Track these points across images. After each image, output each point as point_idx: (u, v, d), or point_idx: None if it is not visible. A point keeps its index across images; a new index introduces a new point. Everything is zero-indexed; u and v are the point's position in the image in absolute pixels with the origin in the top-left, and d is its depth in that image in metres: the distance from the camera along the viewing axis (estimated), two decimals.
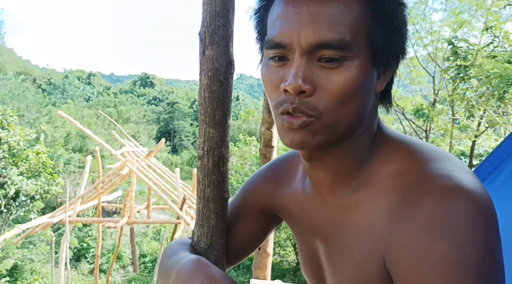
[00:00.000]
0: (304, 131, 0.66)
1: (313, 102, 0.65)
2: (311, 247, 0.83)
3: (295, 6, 0.66)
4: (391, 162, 0.70)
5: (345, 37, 0.63)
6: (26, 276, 13.36)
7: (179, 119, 39.72)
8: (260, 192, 0.93)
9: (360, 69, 0.65)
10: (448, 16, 8.40)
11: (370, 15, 0.66)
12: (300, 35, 0.64)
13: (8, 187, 11.48)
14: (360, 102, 0.67)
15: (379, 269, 0.66)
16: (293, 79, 0.64)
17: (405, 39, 0.70)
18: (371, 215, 0.68)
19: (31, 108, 24.08)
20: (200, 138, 0.85)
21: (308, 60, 0.65)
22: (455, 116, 8.58)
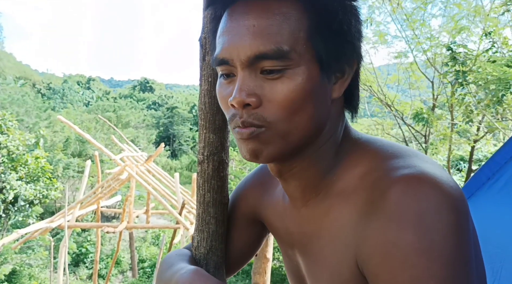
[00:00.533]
0: (255, 141, 0.66)
1: (261, 113, 0.64)
2: (292, 259, 0.82)
3: (233, 21, 0.66)
4: (358, 165, 0.69)
5: (281, 46, 0.62)
6: (24, 281, 13.30)
7: (179, 124, 39.72)
8: (247, 199, 0.92)
9: (305, 76, 0.64)
10: (447, 22, 8.44)
11: (308, 22, 0.65)
12: (238, 49, 0.64)
13: (7, 191, 11.47)
14: (311, 110, 0.65)
15: (353, 273, 0.65)
16: (238, 93, 0.64)
17: (353, 41, 0.68)
18: (341, 219, 0.67)
19: (30, 113, 24.08)
20: (200, 143, 0.85)
21: (251, 73, 0.65)
22: (454, 121, 8.59)
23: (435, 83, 9.14)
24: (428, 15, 8.45)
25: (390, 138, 9.70)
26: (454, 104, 8.18)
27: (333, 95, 0.69)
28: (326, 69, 0.66)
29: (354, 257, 0.64)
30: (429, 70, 9.14)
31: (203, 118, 0.84)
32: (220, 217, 0.86)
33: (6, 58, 51.43)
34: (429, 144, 9.30)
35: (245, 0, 0.66)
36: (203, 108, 0.84)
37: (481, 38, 7.66)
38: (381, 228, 0.58)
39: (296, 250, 0.79)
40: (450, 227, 0.55)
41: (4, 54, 52.92)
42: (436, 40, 8.31)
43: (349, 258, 0.65)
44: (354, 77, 0.72)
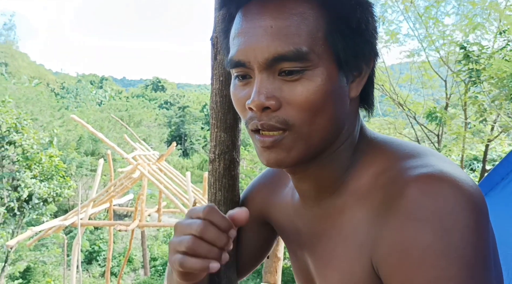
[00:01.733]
0: (278, 149, 0.65)
1: (281, 116, 0.63)
2: (301, 259, 0.81)
3: (248, 22, 0.65)
4: (373, 165, 0.68)
5: (300, 47, 0.61)
6: (38, 278, 13.48)
7: (190, 123, 39.87)
8: (255, 201, 0.91)
9: (324, 77, 0.63)
10: (460, 20, 8.33)
11: (326, 21, 0.64)
12: (255, 51, 0.63)
13: (21, 189, 11.63)
14: (332, 111, 0.64)
15: (366, 274, 0.64)
16: (256, 96, 0.63)
17: (371, 39, 0.68)
18: (355, 219, 0.66)
19: (44, 112, 24.39)
20: (212, 142, 0.85)
21: (269, 75, 0.64)
22: (467, 120, 8.49)
23: (448, 82, 9.04)
24: (441, 13, 8.35)
25: (402, 138, 9.62)
26: (467, 103, 8.08)
27: (351, 94, 0.68)
28: (345, 68, 0.65)
29: (369, 257, 0.63)
30: (442, 69, 9.04)
31: (214, 117, 0.85)
32: None
33: (21, 58, 52.13)
34: (442, 144, 9.20)
35: (260, 0, 0.65)
36: (215, 108, 0.84)
37: (495, 36, 7.56)
38: (398, 227, 0.57)
39: (305, 250, 0.78)
40: (469, 227, 0.54)
41: (19, 54, 53.66)
42: (450, 37, 8.21)
43: (363, 258, 0.64)
44: (370, 75, 0.71)
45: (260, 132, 0.65)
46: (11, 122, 11.89)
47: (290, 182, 0.84)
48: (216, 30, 0.84)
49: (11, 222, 11.74)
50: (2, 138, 11.67)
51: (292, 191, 0.82)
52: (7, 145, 11.86)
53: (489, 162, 9.25)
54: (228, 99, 0.83)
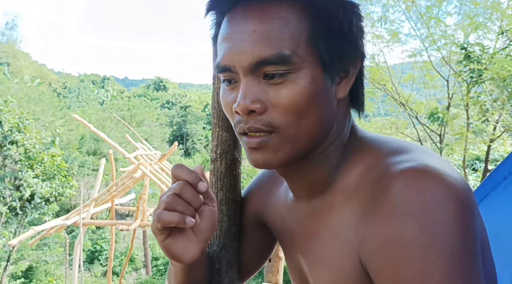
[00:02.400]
0: (265, 150, 0.66)
1: (267, 118, 0.64)
2: (295, 259, 0.81)
3: (233, 27, 0.66)
4: (361, 163, 0.69)
5: (283, 51, 0.62)
6: (40, 277, 13.51)
7: (192, 122, 39.91)
8: (251, 203, 0.92)
9: (308, 79, 0.63)
10: (462, 19, 8.32)
11: (308, 24, 0.64)
12: (240, 55, 0.64)
13: (23, 189, 11.66)
14: (317, 112, 0.65)
15: (355, 270, 0.64)
16: (242, 100, 0.64)
17: (355, 40, 0.68)
18: (343, 216, 0.67)
19: (46, 111, 24.43)
20: (213, 141, 0.86)
21: (254, 79, 0.65)
22: (469, 120, 8.47)
23: (450, 82, 9.03)
24: (442, 13, 8.34)
25: (404, 138, 9.61)
26: (469, 103, 8.07)
27: (338, 95, 0.69)
28: (329, 70, 0.66)
29: (358, 254, 0.63)
30: (444, 68, 9.03)
31: (216, 116, 0.85)
32: (233, 215, 0.86)
33: (23, 58, 52.24)
34: (444, 144, 9.19)
35: (244, 5, 0.66)
36: (216, 107, 0.84)
37: (497, 36, 7.55)
38: (384, 222, 0.57)
39: (298, 250, 0.79)
40: (454, 220, 0.54)
41: (21, 54, 53.77)
42: (451, 37, 8.20)
43: (351, 255, 0.64)
44: (358, 76, 0.71)
45: (247, 134, 0.67)
46: (13, 122, 11.92)
47: (284, 182, 0.84)
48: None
49: (13, 221, 11.77)
50: (5, 138, 11.70)
51: (286, 191, 0.83)
52: (10, 144, 11.89)
53: (491, 161, 9.23)
54: None
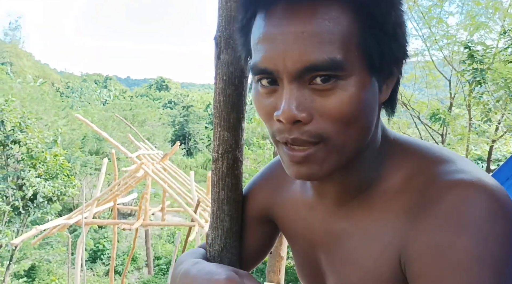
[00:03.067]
0: (310, 163, 0.62)
1: (314, 129, 0.60)
2: (311, 255, 0.81)
3: (276, 26, 0.60)
4: (402, 167, 0.67)
5: (335, 56, 0.57)
6: (43, 276, 13.55)
7: (194, 122, 39.95)
8: (256, 199, 0.90)
9: (358, 86, 0.59)
10: (464, 19, 8.30)
11: (360, 26, 0.59)
12: (285, 59, 0.58)
13: (26, 188, 11.69)
14: (365, 119, 0.62)
15: (392, 271, 0.64)
16: (286, 108, 0.58)
17: (404, 42, 0.64)
18: (382, 219, 0.66)
19: (49, 111, 24.48)
20: (215, 141, 0.86)
21: (300, 85, 0.59)
22: (472, 120, 8.46)
23: (453, 82, 9.01)
24: (444, 13, 8.32)
25: None
26: (471, 103, 8.05)
27: (381, 99, 0.65)
28: (377, 74, 0.62)
29: (398, 257, 0.63)
30: (446, 68, 9.01)
31: (217, 116, 0.85)
32: (235, 214, 0.86)
33: (26, 58, 52.35)
34: (446, 144, 9.17)
35: (290, 3, 0.59)
36: (218, 107, 0.85)
37: (499, 35, 7.53)
38: (435, 230, 0.57)
39: (317, 247, 0.78)
40: (505, 236, 0.55)
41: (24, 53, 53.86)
42: (453, 37, 8.19)
43: (390, 257, 0.64)
44: (398, 79, 0.68)
45: (289, 145, 0.62)
46: (15, 121, 11.95)
47: (296, 180, 0.83)
48: (219, 29, 0.85)
49: (16, 220, 11.80)
50: (7, 137, 11.73)
51: (302, 187, 0.81)
52: (12, 144, 11.92)
53: (493, 162, 9.21)
54: (232, 98, 0.83)
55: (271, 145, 17.68)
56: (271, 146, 17.16)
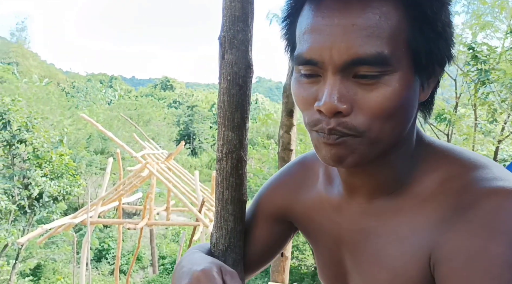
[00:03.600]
0: (342, 147, 0.62)
1: (352, 122, 0.60)
2: (335, 254, 0.80)
3: (325, 17, 0.60)
4: (436, 170, 0.67)
5: (382, 51, 0.57)
6: (48, 275, 13.63)
7: (199, 122, 40.00)
8: (273, 199, 0.90)
9: (402, 82, 0.59)
10: (470, 18, 8.26)
11: (409, 22, 0.60)
12: (332, 51, 0.58)
13: (32, 188, 11.75)
14: (402, 117, 0.62)
15: (421, 273, 0.64)
16: (328, 99, 0.59)
17: (450, 43, 0.64)
18: (415, 221, 0.66)
19: (55, 111, 24.60)
20: (219, 141, 0.86)
21: (343, 78, 0.59)
22: (477, 120, 8.42)
23: (458, 81, 8.97)
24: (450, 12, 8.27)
25: None
26: (477, 103, 8.02)
27: (421, 98, 0.65)
28: (421, 73, 0.62)
29: (427, 259, 0.63)
30: (452, 68, 8.97)
31: (222, 116, 0.85)
32: (239, 214, 0.86)
33: (32, 58, 52.64)
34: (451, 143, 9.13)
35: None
36: (222, 107, 0.85)
37: (506, 34, 7.49)
38: (469, 233, 0.57)
39: (343, 245, 0.77)
40: None
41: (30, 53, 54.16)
42: (459, 37, 8.15)
43: (420, 260, 0.64)
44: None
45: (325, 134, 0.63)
46: (22, 121, 12.02)
47: (319, 181, 0.84)
48: (224, 29, 0.85)
49: (22, 219, 11.87)
50: (13, 137, 11.81)
51: (327, 187, 0.81)
52: (18, 143, 11.99)
53: (499, 162, 9.16)
54: (236, 98, 0.83)
55: (275, 145, 17.67)
56: (276, 146, 17.14)
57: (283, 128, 4.27)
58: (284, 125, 4.25)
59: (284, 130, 4.26)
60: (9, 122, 11.73)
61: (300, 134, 12.42)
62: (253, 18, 0.85)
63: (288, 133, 4.25)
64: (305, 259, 14.78)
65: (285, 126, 4.25)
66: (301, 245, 14.74)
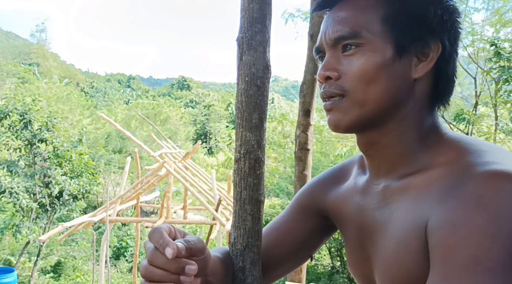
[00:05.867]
0: (336, 111, 0.77)
1: (340, 83, 0.77)
2: (360, 240, 0.85)
3: (327, 17, 0.82)
4: (444, 155, 0.74)
5: (355, 28, 0.75)
6: (68, 272, 13.85)
7: (215, 121, 40.14)
8: (311, 194, 0.98)
9: (377, 53, 0.74)
10: (490, 15, 8.10)
11: (385, 10, 0.76)
12: (326, 35, 0.80)
13: (52, 186, 11.95)
14: (385, 83, 0.75)
15: (419, 243, 0.68)
16: (321, 69, 0.78)
17: (433, 27, 0.75)
18: (419, 197, 0.72)
19: (74, 110, 24.99)
20: (237, 141, 0.87)
21: (335, 53, 0.78)
22: (498, 120, 8.25)
23: (478, 80, 8.80)
24: (469, 9, 8.14)
25: None
26: (498, 102, 7.85)
27: (414, 75, 0.76)
28: (402, 49, 0.75)
29: (424, 229, 0.68)
30: (471, 66, 8.81)
31: (239, 117, 0.86)
32: (257, 214, 0.87)
33: (52, 58, 53.54)
34: None
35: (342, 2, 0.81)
36: (240, 107, 0.86)
37: None
38: (455, 207, 0.63)
39: (366, 230, 0.83)
40: None
41: (50, 54, 55.10)
42: (479, 35, 7.99)
43: (419, 229, 0.69)
44: (445, 72, 0.78)
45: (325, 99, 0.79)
46: (42, 120, 12.24)
47: (352, 176, 0.92)
48: (242, 31, 0.85)
49: (43, 217, 12.09)
50: (34, 136, 12.03)
51: (356, 179, 0.90)
52: (39, 143, 12.21)
53: None
54: (254, 99, 0.84)
55: (292, 144, 17.62)
56: (292, 145, 17.10)
57: (299, 128, 4.26)
58: (301, 125, 4.24)
59: (301, 130, 4.25)
60: (30, 122, 11.96)
61: (316, 133, 12.36)
62: (271, 19, 0.85)
63: (305, 133, 4.23)
64: (321, 259, 14.70)
65: (302, 126, 4.24)
66: None
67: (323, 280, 13.42)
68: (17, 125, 11.90)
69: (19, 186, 11.13)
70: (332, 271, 13.81)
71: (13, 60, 48.14)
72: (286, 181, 15.17)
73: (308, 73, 4.21)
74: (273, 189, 15.56)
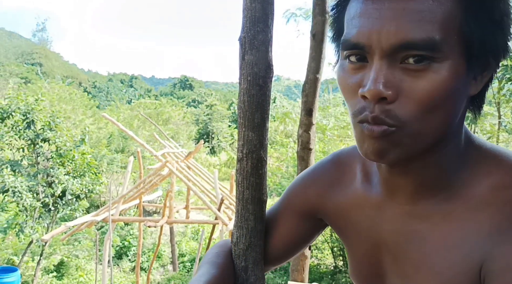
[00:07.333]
0: (385, 140, 0.59)
1: (395, 110, 0.57)
2: (373, 255, 0.78)
3: (375, 1, 0.58)
4: (489, 176, 0.63)
5: (433, 36, 0.55)
6: (71, 272, 13.89)
7: (218, 121, 40.14)
8: (304, 195, 0.89)
9: (452, 72, 0.56)
10: None
11: (465, 7, 0.57)
12: (380, 35, 0.57)
13: (55, 186, 11.97)
14: (449, 109, 0.59)
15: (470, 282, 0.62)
16: (373, 84, 0.57)
17: (508, 34, 0.60)
18: (466, 228, 0.63)
19: (77, 110, 25.03)
20: (239, 141, 0.87)
21: (390, 63, 0.57)
22: (501, 118, 8.23)
23: None
24: None
25: None
26: (501, 101, 7.83)
27: (471, 91, 0.62)
28: (474, 63, 0.59)
29: (478, 269, 0.61)
30: None
31: (242, 116, 0.85)
32: (259, 214, 0.87)
33: (54, 58, 53.68)
34: None
35: None
36: (242, 107, 0.85)
37: None
38: None
39: (382, 247, 0.75)
40: None
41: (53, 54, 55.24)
42: None
43: (471, 268, 0.61)
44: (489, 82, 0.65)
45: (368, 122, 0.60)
46: (45, 120, 12.26)
47: (357, 178, 0.81)
48: (244, 29, 0.85)
49: (46, 216, 12.11)
50: (37, 136, 12.06)
51: (365, 186, 0.78)
52: (42, 142, 12.23)
53: None
54: (256, 98, 0.84)
55: (294, 143, 17.61)
56: (294, 144, 17.08)
57: (302, 127, 4.26)
58: (303, 124, 4.24)
59: (303, 129, 4.25)
60: (33, 121, 11.99)
61: (318, 133, 12.35)
62: (273, 19, 0.85)
63: (308, 133, 4.23)
64: (324, 258, 14.70)
65: (304, 126, 4.24)
66: (320, 244, 14.66)
67: (325, 280, 13.41)
68: (20, 125, 11.93)
69: (22, 185, 11.16)
70: (334, 270, 13.82)
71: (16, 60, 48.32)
72: (288, 181, 15.16)
73: (310, 73, 4.21)
74: (276, 188, 15.56)
